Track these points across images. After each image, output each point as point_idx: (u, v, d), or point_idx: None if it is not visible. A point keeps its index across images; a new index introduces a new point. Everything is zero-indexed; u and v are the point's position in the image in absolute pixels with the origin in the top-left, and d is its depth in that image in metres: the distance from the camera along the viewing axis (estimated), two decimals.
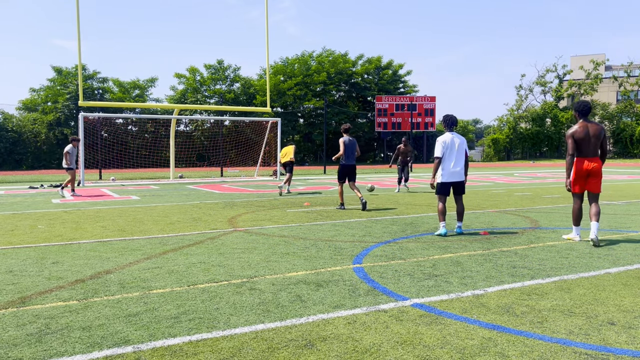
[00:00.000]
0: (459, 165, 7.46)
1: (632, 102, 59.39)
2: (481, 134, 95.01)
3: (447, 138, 7.47)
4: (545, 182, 19.36)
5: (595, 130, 6.72)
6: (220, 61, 59.17)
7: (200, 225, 8.57)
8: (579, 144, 6.75)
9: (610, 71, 66.96)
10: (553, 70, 64.71)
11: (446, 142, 7.44)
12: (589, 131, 6.71)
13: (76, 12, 19.98)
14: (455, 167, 7.44)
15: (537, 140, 62.64)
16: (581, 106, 6.87)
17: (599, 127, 6.77)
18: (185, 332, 3.51)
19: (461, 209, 7.59)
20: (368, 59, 62.19)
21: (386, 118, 55.85)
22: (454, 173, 7.45)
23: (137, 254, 6.15)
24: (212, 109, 44.80)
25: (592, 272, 5.10)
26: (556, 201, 12.08)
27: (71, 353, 3.17)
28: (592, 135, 6.70)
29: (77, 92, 50.08)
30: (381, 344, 3.29)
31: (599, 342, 3.30)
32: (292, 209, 10.92)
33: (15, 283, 4.85)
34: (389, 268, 5.34)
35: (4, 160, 46.92)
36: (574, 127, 6.84)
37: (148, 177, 25.02)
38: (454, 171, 7.44)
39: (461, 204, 7.63)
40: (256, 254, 6.13)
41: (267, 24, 25.03)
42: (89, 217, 9.79)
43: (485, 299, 4.23)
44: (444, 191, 7.49)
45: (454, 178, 7.45)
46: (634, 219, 8.97)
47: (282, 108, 58.25)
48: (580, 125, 6.78)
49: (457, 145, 7.46)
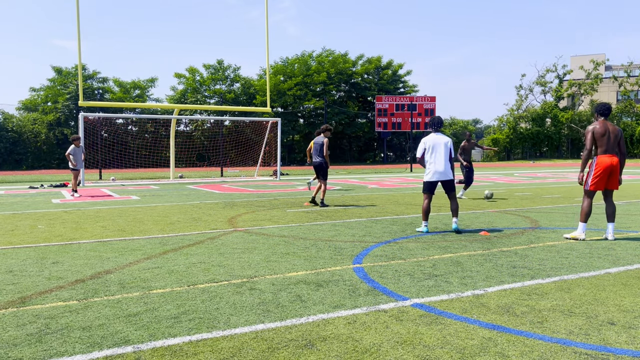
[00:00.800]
0: (443, 164, 7.67)
1: (632, 102, 59.41)
2: (481, 134, 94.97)
3: (429, 139, 7.82)
4: (545, 182, 19.36)
5: (615, 129, 6.87)
6: (220, 61, 59.20)
7: (200, 225, 8.57)
8: (598, 140, 6.84)
9: (610, 71, 66.99)
10: (553, 70, 64.75)
11: (427, 143, 7.75)
12: (609, 129, 6.84)
13: (76, 12, 19.98)
14: (439, 165, 7.67)
15: (537, 140, 62.63)
16: (602, 108, 7.01)
17: (617, 127, 6.94)
18: (185, 332, 3.51)
19: (455, 206, 7.77)
20: (368, 59, 62.20)
21: (386, 118, 55.85)
22: (438, 172, 7.67)
23: (137, 254, 6.15)
24: (212, 109, 44.83)
25: (592, 272, 5.10)
26: (556, 201, 12.09)
27: (71, 353, 3.17)
28: (612, 133, 6.83)
29: (77, 92, 50.08)
30: (381, 344, 3.29)
31: (599, 342, 3.30)
32: (292, 209, 10.92)
33: (15, 283, 4.85)
34: (389, 268, 5.34)
35: (4, 160, 46.93)
36: (595, 123, 6.95)
37: (148, 177, 25.02)
38: (438, 170, 7.67)
39: (454, 202, 7.79)
40: (256, 254, 6.13)
41: (267, 24, 25.05)
42: (89, 217, 9.79)
43: (485, 299, 4.23)
44: (428, 189, 7.79)
45: (438, 177, 7.69)
46: (634, 219, 8.97)
47: (282, 108, 58.26)
48: (600, 123, 6.91)
49: (441, 145, 7.70)
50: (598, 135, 6.81)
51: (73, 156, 14.57)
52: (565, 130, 62.07)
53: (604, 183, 6.89)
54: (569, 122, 60.96)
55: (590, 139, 6.86)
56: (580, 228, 6.93)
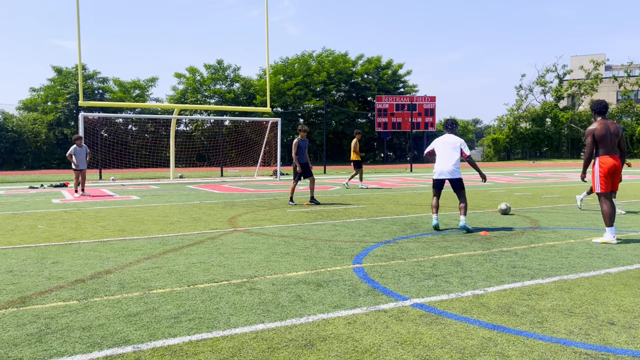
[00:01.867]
0: (449, 163, 7.84)
1: (632, 102, 59.39)
2: (481, 134, 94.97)
3: (440, 139, 8.14)
4: (545, 182, 19.36)
5: (615, 127, 6.81)
6: (220, 61, 59.18)
7: (200, 225, 8.58)
8: (599, 141, 6.78)
9: (610, 71, 66.96)
10: (553, 70, 64.69)
11: (437, 143, 8.09)
12: (609, 128, 6.77)
13: (76, 12, 19.98)
14: (444, 165, 7.86)
15: (537, 140, 62.59)
16: (599, 106, 6.93)
17: (617, 125, 6.86)
18: (185, 332, 3.51)
19: (463, 204, 7.86)
20: (368, 59, 62.17)
21: (386, 118, 55.84)
22: (443, 171, 7.87)
23: (137, 254, 6.15)
24: (212, 109, 44.82)
25: (592, 272, 5.10)
26: (556, 201, 12.09)
27: (71, 353, 3.17)
28: (612, 133, 6.76)
29: (77, 92, 50.07)
30: (381, 344, 3.29)
31: (599, 342, 3.30)
32: (292, 209, 10.92)
33: (15, 283, 4.85)
34: (389, 268, 5.34)
35: (4, 160, 46.92)
36: (594, 124, 6.87)
37: (148, 177, 25.01)
38: (443, 170, 7.87)
39: (463, 200, 7.88)
40: (256, 254, 6.13)
41: (267, 24, 25.04)
42: (89, 217, 9.79)
43: (485, 299, 4.23)
44: (435, 186, 8.01)
45: (444, 175, 7.88)
46: (634, 219, 8.97)
47: (282, 108, 58.24)
48: (600, 123, 6.83)
49: (449, 145, 7.92)
50: (599, 136, 6.75)
51: (74, 156, 14.49)
52: (565, 130, 62.05)
53: (610, 183, 6.84)
54: (569, 122, 60.94)
55: (590, 141, 6.80)
56: (609, 232, 6.66)
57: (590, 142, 6.82)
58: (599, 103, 6.94)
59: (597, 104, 6.95)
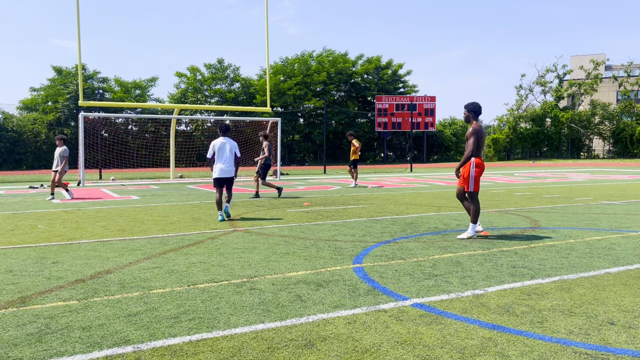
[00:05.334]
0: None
1: (632, 102, 59.36)
2: None
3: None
4: (545, 182, 19.35)
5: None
6: (220, 60, 59.16)
7: (200, 225, 8.58)
8: (479, 143, 7.05)
9: (610, 71, 66.97)
10: (553, 70, 64.67)
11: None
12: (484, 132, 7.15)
13: (76, 12, 19.98)
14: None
15: (537, 140, 62.59)
16: (478, 108, 7.17)
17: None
18: (185, 332, 3.51)
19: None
20: (368, 58, 62.15)
21: (386, 118, 55.83)
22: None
23: (137, 254, 6.15)
24: (213, 109, 44.84)
25: (592, 272, 5.10)
26: (556, 201, 12.09)
27: (71, 353, 3.17)
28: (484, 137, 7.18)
29: (77, 92, 50.08)
30: (381, 343, 3.29)
31: (599, 342, 3.30)
32: (292, 209, 10.93)
33: (15, 283, 4.85)
34: (389, 268, 5.34)
35: (4, 160, 46.92)
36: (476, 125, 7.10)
37: (148, 177, 25.01)
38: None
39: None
40: (256, 253, 6.13)
41: (267, 24, 25.04)
42: (89, 217, 9.79)
43: (485, 299, 4.23)
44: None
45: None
46: (634, 219, 8.97)
47: (282, 108, 58.23)
48: (479, 125, 7.12)
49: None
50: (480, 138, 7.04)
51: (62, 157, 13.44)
52: (565, 130, 62.04)
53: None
54: (569, 122, 60.93)
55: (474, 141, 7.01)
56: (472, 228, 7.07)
57: (473, 142, 7.00)
58: (478, 105, 7.17)
59: (477, 106, 7.17)
